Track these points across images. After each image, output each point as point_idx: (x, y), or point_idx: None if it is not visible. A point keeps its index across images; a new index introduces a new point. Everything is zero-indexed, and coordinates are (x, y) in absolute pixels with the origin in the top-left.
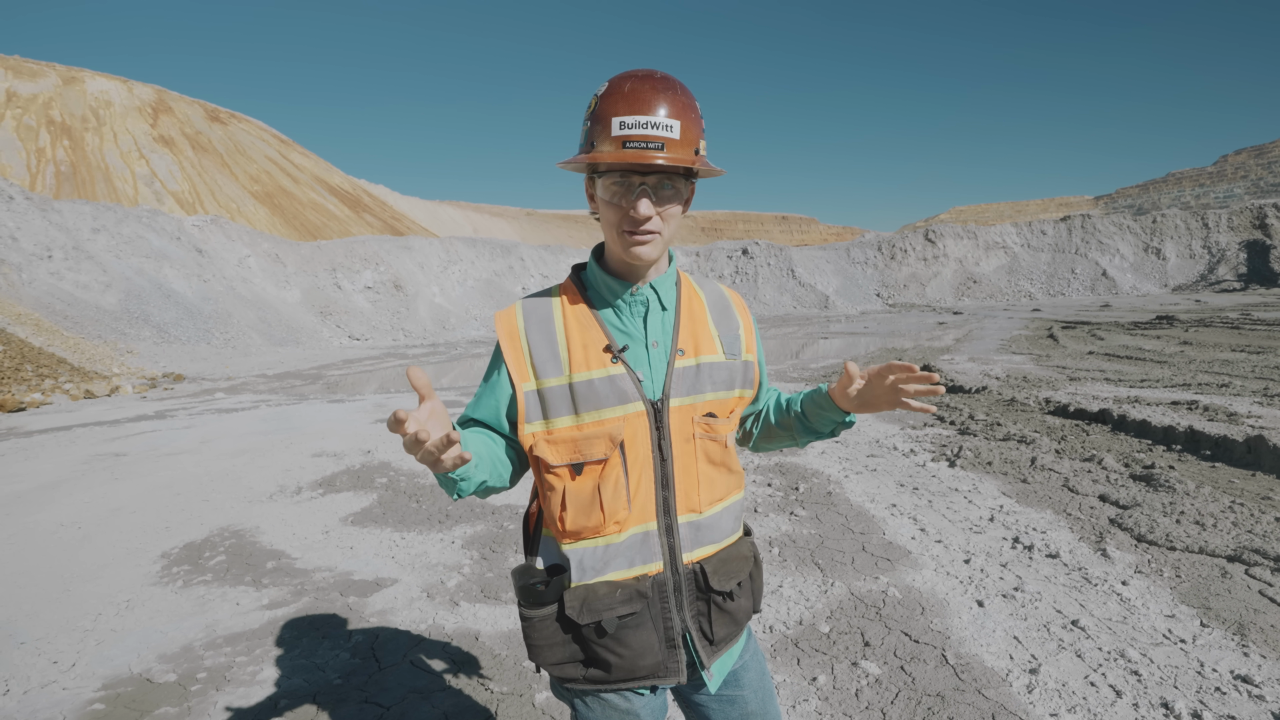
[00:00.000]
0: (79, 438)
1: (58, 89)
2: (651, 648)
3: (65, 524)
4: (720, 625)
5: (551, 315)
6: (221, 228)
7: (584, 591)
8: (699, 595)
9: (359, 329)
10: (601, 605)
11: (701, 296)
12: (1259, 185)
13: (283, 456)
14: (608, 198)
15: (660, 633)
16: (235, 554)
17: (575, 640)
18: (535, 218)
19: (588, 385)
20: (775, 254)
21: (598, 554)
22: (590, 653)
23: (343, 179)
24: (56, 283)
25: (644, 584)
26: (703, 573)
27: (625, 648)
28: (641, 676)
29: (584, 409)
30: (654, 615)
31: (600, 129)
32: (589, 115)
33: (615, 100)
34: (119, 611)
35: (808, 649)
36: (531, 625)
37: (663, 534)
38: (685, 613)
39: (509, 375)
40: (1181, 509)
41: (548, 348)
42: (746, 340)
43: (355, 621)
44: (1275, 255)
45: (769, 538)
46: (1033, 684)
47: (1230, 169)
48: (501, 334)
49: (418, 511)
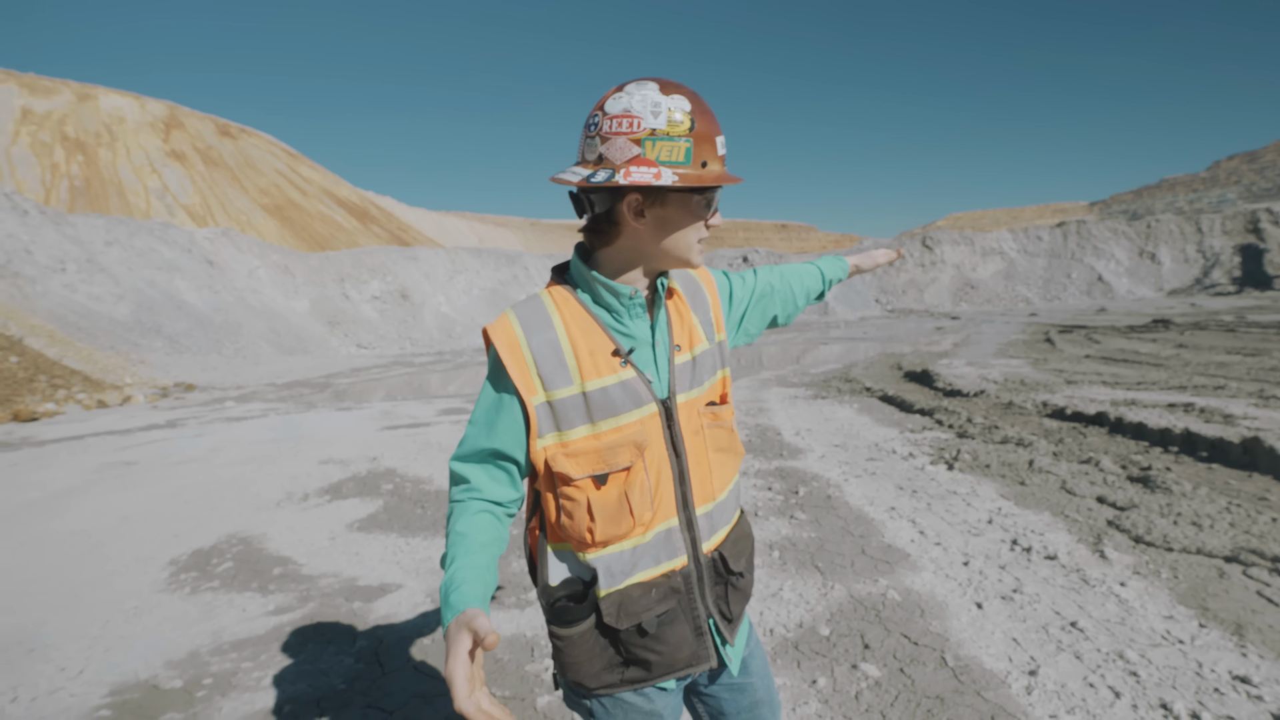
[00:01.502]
0: (91, 447)
1: (72, 105)
2: (686, 639)
3: (75, 532)
4: (735, 603)
5: (551, 323)
6: (232, 240)
7: (618, 596)
8: (718, 580)
9: (366, 338)
10: (638, 607)
11: (678, 288)
12: (1251, 190)
13: (290, 464)
14: (692, 212)
15: (691, 624)
16: (242, 561)
17: (612, 645)
18: (539, 228)
19: (603, 393)
20: (774, 261)
21: (625, 558)
22: (629, 655)
23: (350, 191)
24: (70, 295)
25: (675, 580)
26: (722, 559)
27: (663, 644)
28: (680, 668)
29: (600, 417)
30: (684, 608)
31: (708, 149)
32: (686, 132)
33: (710, 120)
34: (127, 618)
35: (808, 651)
36: (569, 643)
37: (684, 528)
38: (709, 599)
39: (516, 390)
40: (1179, 510)
41: (554, 357)
42: (715, 318)
43: (360, 627)
44: (1269, 259)
45: (769, 541)
46: (1032, 685)
47: (1223, 174)
48: (500, 346)
49: (422, 517)
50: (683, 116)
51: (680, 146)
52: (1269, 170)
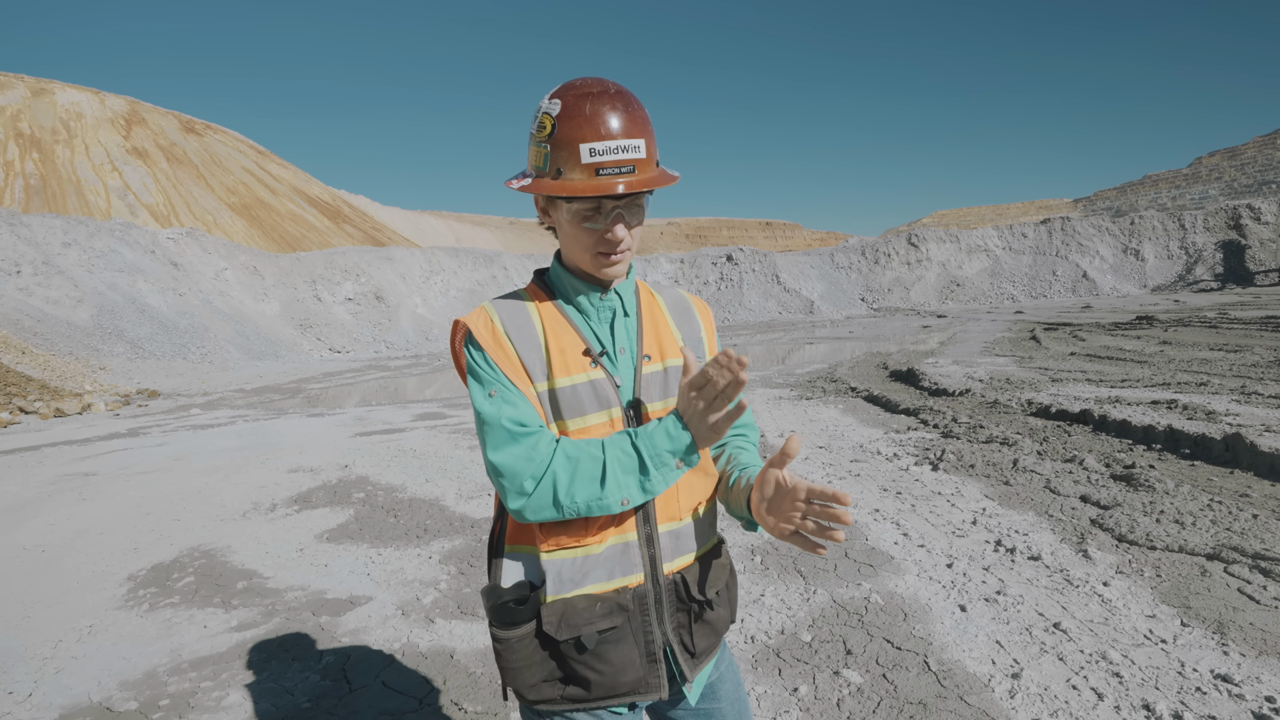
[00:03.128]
0: (47, 457)
1: (26, 100)
2: (632, 663)
3: (29, 547)
4: (701, 637)
5: (530, 318)
6: (197, 240)
7: (562, 605)
8: (680, 606)
9: (340, 341)
10: (581, 620)
11: (660, 301)
12: (1233, 186)
13: (258, 473)
14: (578, 222)
15: (641, 647)
16: (205, 575)
17: (553, 657)
18: (518, 227)
19: (571, 390)
20: (760, 260)
21: (576, 565)
22: (569, 670)
23: (322, 190)
24: (26, 299)
25: (624, 596)
26: (684, 582)
27: (605, 664)
28: (622, 693)
29: (569, 415)
30: (634, 629)
31: (567, 156)
32: (546, 138)
33: (578, 124)
34: (80, 637)
35: (789, 658)
36: (508, 646)
37: (643, 544)
38: (666, 625)
39: (509, 377)
40: (1161, 508)
41: (533, 351)
42: (709, 343)
43: (327, 642)
44: (1250, 255)
45: (751, 545)
46: (1015, 689)
47: (1205, 170)
48: (483, 336)
49: (395, 526)
50: (547, 122)
51: (541, 152)
52: (1249, 166)
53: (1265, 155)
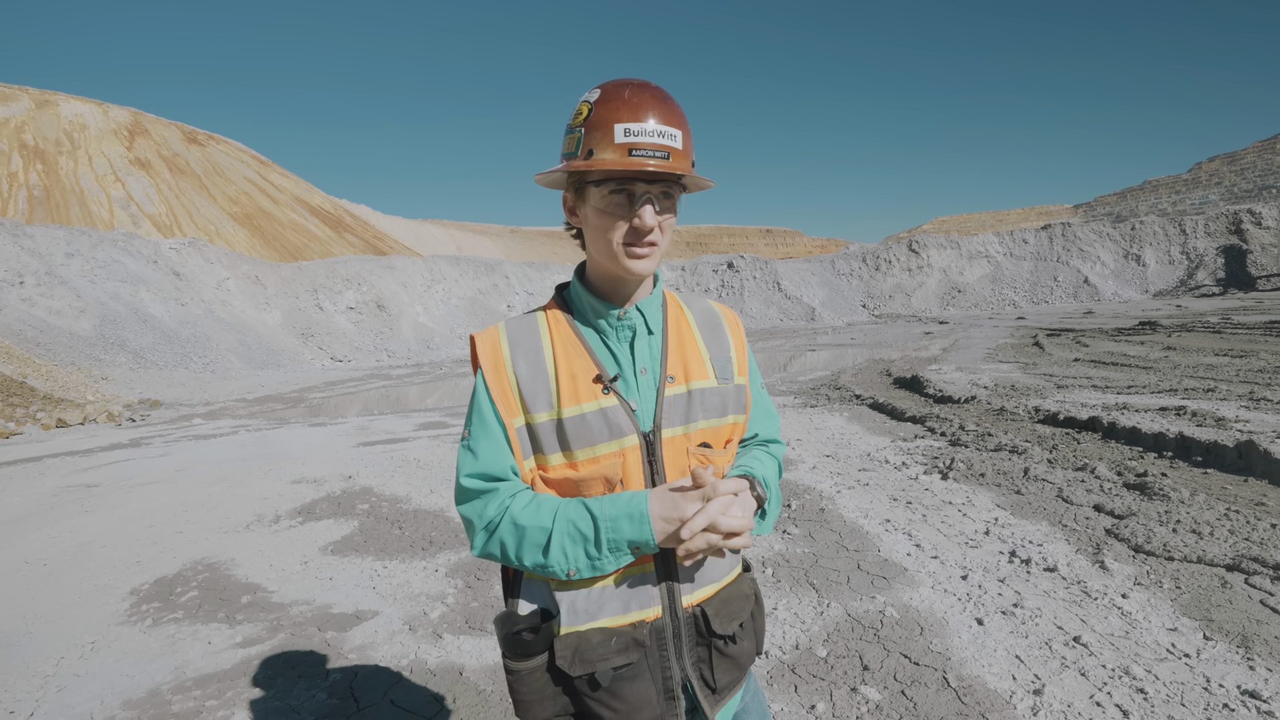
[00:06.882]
0: (49, 469)
1: (30, 112)
2: (649, 701)
3: (30, 560)
4: (723, 672)
5: (540, 344)
6: (200, 250)
7: (575, 639)
8: (699, 641)
9: (341, 350)
10: (595, 655)
11: (689, 316)
12: (1233, 191)
13: (261, 484)
14: (605, 208)
15: (659, 684)
16: (208, 589)
17: (566, 693)
18: (519, 235)
19: (579, 420)
20: (761, 267)
21: (591, 597)
22: (582, 707)
23: (324, 199)
24: (28, 309)
25: (641, 631)
26: (704, 616)
27: (621, 701)
28: None
29: (577, 445)
30: (652, 665)
31: (600, 136)
32: (583, 122)
33: (616, 107)
34: (83, 654)
35: (805, 675)
36: (519, 679)
37: (661, 576)
38: (685, 660)
39: (496, 412)
40: (1177, 518)
41: (538, 380)
42: (739, 362)
43: (333, 658)
44: (1251, 260)
45: (762, 558)
46: (1037, 706)
47: (1205, 175)
48: (486, 364)
49: (400, 539)
50: (584, 108)
51: (574, 138)
52: (1249, 171)
53: (1265, 160)
